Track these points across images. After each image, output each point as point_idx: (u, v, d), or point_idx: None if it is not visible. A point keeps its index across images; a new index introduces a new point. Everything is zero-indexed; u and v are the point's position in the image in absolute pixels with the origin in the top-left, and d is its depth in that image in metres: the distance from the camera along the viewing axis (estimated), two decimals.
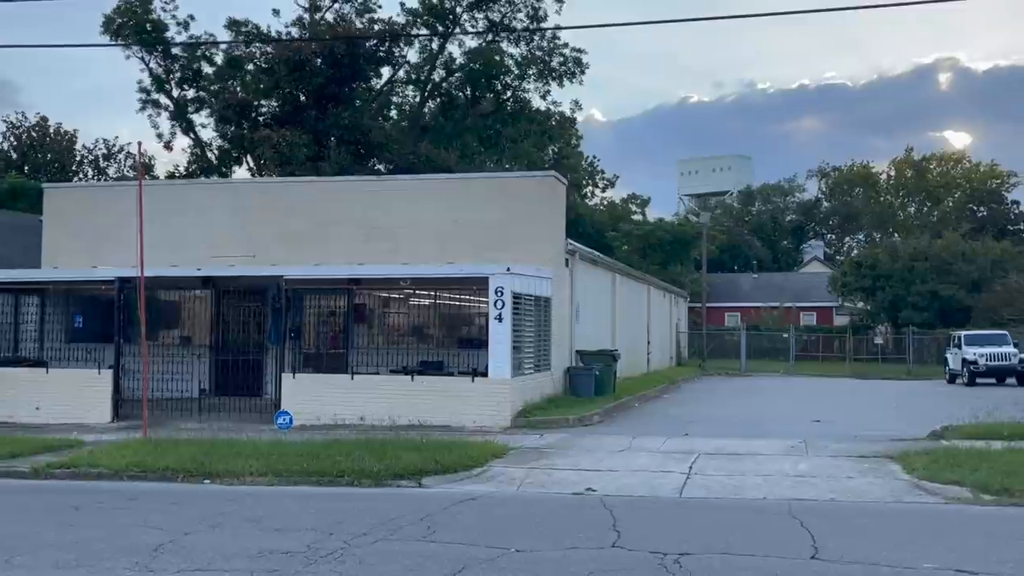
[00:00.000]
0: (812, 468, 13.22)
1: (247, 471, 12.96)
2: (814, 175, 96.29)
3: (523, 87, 49.41)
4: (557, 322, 22.13)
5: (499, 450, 14.47)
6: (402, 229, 22.15)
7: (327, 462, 13.04)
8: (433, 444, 14.21)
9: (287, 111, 41.83)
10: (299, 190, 23.04)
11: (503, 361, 18.18)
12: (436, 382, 18.65)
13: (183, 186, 24.91)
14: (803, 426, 18.99)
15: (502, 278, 18.15)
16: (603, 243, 64.31)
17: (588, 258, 25.88)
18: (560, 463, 13.76)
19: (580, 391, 22.35)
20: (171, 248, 23.01)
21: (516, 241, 21.49)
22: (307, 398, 18.91)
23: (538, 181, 21.90)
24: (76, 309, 24.13)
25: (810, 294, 65.74)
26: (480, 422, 18.06)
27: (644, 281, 37.40)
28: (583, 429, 18.05)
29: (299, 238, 22.68)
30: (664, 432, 17.39)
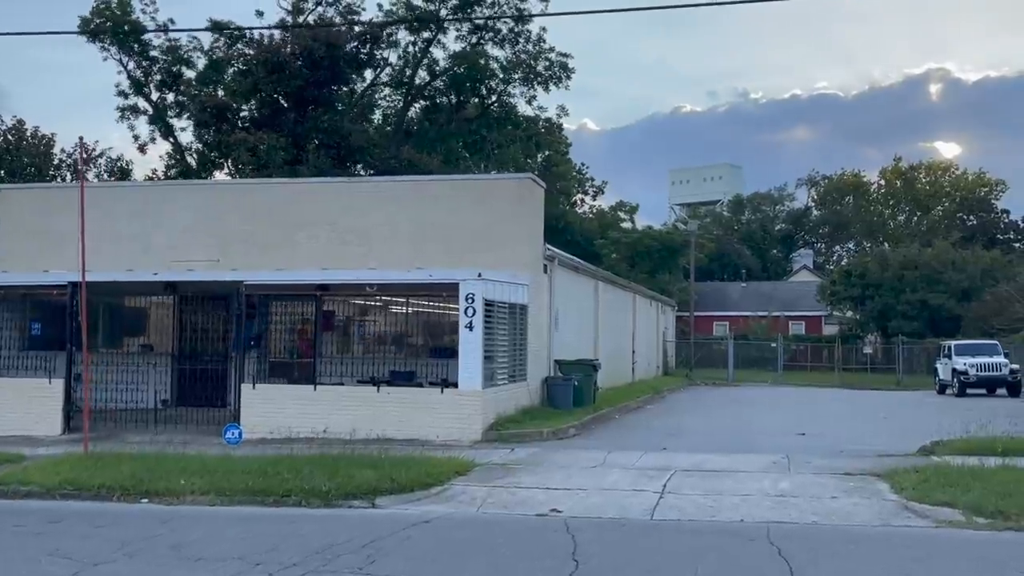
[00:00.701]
0: (794, 487, 12.37)
1: (188, 490, 12.05)
2: (804, 184, 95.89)
3: (508, 91, 48.66)
4: (535, 330, 21.28)
5: (463, 466, 13.59)
6: (375, 233, 21.27)
7: (275, 480, 12.14)
8: (392, 460, 13.32)
9: (265, 114, 40.96)
10: (269, 192, 22.14)
11: (474, 371, 17.31)
12: (403, 393, 17.76)
13: (147, 187, 24.00)
14: (787, 440, 18.16)
15: (473, 284, 17.29)
16: (591, 251, 63.57)
17: (568, 264, 25.03)
18: (527, 481, 12.88)
19: (558, 402, 21.48)
20: (133, 251, 22.09)
21: (493, 246, 20.63)
22: (267, 410, 17.99)
23: (516, 183, 21.03)
24: (33, 315, 23.16)
25: (799, 303, 65.05)
26: (449, 436, 17.18)
27: (629, 289, 36.59)
28: (557, 443, 17.17)
29: (268, 242, 21.77)
30: (641, 446, 16.52)
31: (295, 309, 21.25)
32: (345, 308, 21.31)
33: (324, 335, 21.67)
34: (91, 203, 23.37)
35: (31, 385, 19.41)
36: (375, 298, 21.62)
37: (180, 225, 22.26)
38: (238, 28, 43.18)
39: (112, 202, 23.00)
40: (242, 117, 42.35)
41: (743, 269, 79.82)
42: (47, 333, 22.63)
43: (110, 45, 49.23)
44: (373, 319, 21.93)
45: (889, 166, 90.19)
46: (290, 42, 40.59)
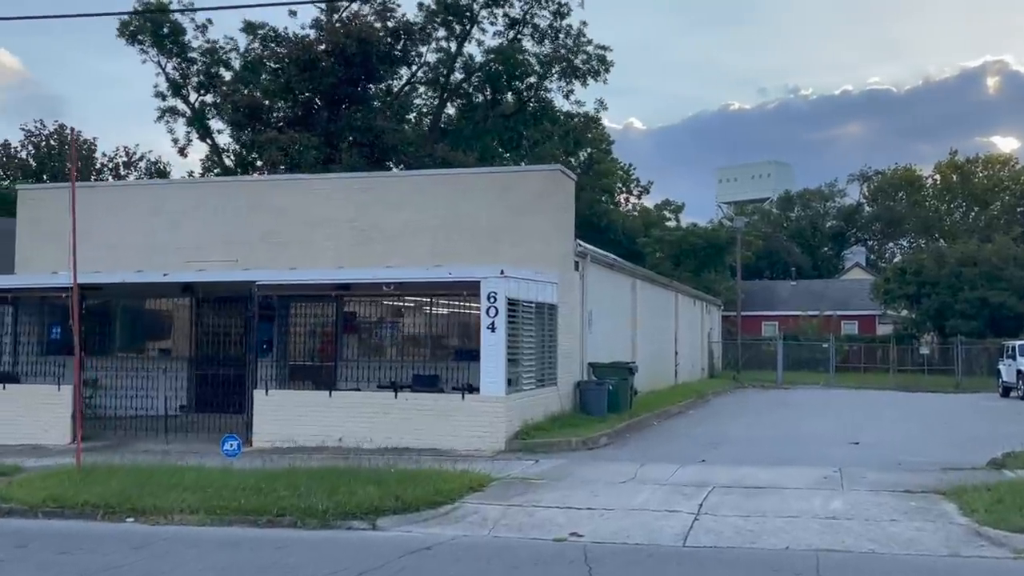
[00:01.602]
0: (847, 507, 11.00)
1: (177, 507, 11.05)
2: (855, 179, 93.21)
3: (545, 86, 47.39)
4: (565, 331, 20.04)
5: (479, 481, 12.42)
6: (396, 230, 20.21)
7: (269, 498, 11.08)
8: (400, 475, 12.19)
9: (298, 113, 40.19)
10: (286, 189, 21.19)
11: (496, 376, 16.13)
12: (422, 399, 16.63)
13: (163, 186, 23.23)
14: (839, 450, 16.70)
15: (495, 282, 16.11)
16: (635, 250, 62.13)
17: (603, 261, 23.72)
18: (547, 499, 11.67)
19: (591, 408, 20.20)
20: (149, 252, 21.33)
21: (520, 242, 19.45)
22: (280, 417, 17.01)
23: (543, 176, 19.81)
24: (52, 319, 22.49)
25: (851, 302, 62.83)
26: (470, 445, 16.02)
27: (671, 288, 35.11)
28: (586, 454, 15.92)
29: (287, 241, 20.84)
30: (678, 458, 15.20)
31: (315, 311, 20.25)
32: (367, 309, 20.24)
33: (345, 337, 20.70)
34: (106, 203, 22.78)
35: (41, 392, 18.67)
36: (399, 298, 20.53)
37: (198, 224, 21.43)
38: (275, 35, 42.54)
39: (128, 201, 22.27)
40: (276, 117, 41.62)
41: (793, 267, 77.53)
42: (67, 338, 21.93)
43: (149, 47, 49.03)
44: (397, 320, 20.83)
45: (944, 160, 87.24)
46: (322, 40, 39.76)
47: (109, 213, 22.02)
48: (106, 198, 22.51)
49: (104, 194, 22.80)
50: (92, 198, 22.99)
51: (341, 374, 19.61)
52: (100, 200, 22.55)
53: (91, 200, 22.72)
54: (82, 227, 22.29)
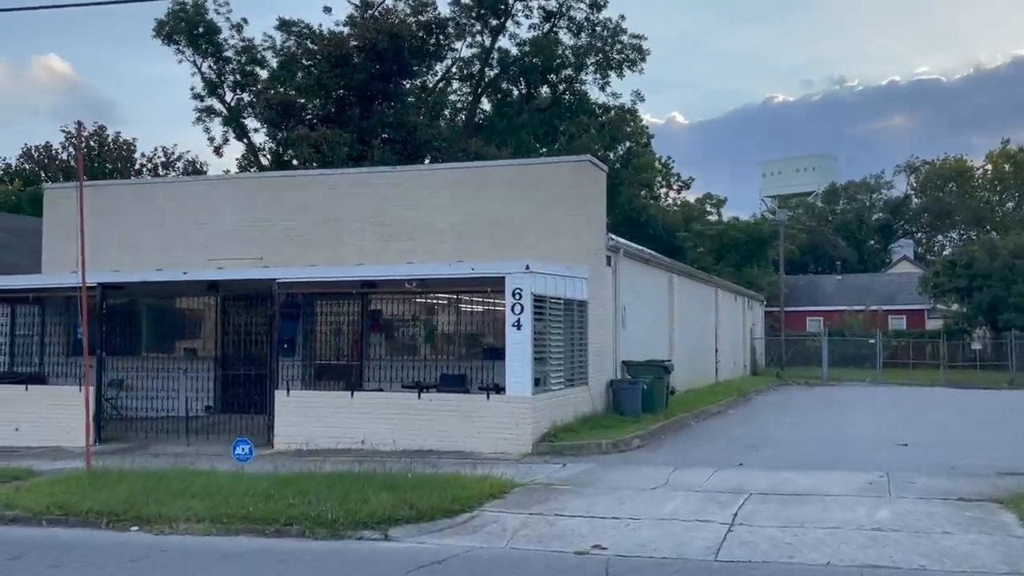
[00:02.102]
0: (895, 517, 10.18)
1: (183, 516, 10.54)
2: (903, 170, 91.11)
3: (581, 79, 46.62)
4: (597, 328, 19.33)
5: (500, 487, 11.78)
6: (421, 225, 19.65)
7: (279, 506, 10.53)
8: (417, 480, 11.61)
9: (330, 110, 39.83)
10: (310, 184, 20.72)
11: (522, 375, 15.48)
12: (446, 400, 16.04)
13: (188, 183, 22.90)
14: (887, 452, 15.81)
15: (520, 278, 15.46)
16: (675, 245, 61.14)
17: (637, 256, 22.94)
18: (571, 506, 10.99)
19: (625, 408, 19.48)
20: (173, 250, 21.03)
21: (549, 236, 18.79)
22: (302, 418, 16.52)
23: (572, 167, 19.09)
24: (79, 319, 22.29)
25: (899, 296, 61.20)
26: (496, 447, 15.40)
27: (711, 283, 34.19)
28: (617, 457, 15.20)
29: (311, 238, 20.40)
30: (714, 461, 14.44)
31: (340, 309, 19.76)
32: (394, 307, 19.70)
33: (371, 336, 20.21)
34: (130, 201, 22.52)
35: (63, 393, 18.35)
36: (426, 296, 19.96)
37: (222, 222, 21.07)
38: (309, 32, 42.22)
39: (152, 199, 21.99)
40: (308, 114, 41.32)
41: (838, 261, 75.87)
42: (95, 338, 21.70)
43: (185, 47, 49.08)
44: (424, 318, 20.27)
45: (996, 150, 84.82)
46: (354, 36, 39.37)
47: (132, 211, 21.77)
48: (129, 196, 22.26)
49: (127, 192, 22.54)
50: (115, 196, 22.82)
51: (367, 374, 19.14)
52: (123, 198, 22.32)
53: (115, 198, 22.56)
54: (106, 226, 22.21)
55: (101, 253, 21.55)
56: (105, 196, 22.53)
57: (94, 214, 22.23)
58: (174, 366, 20.31)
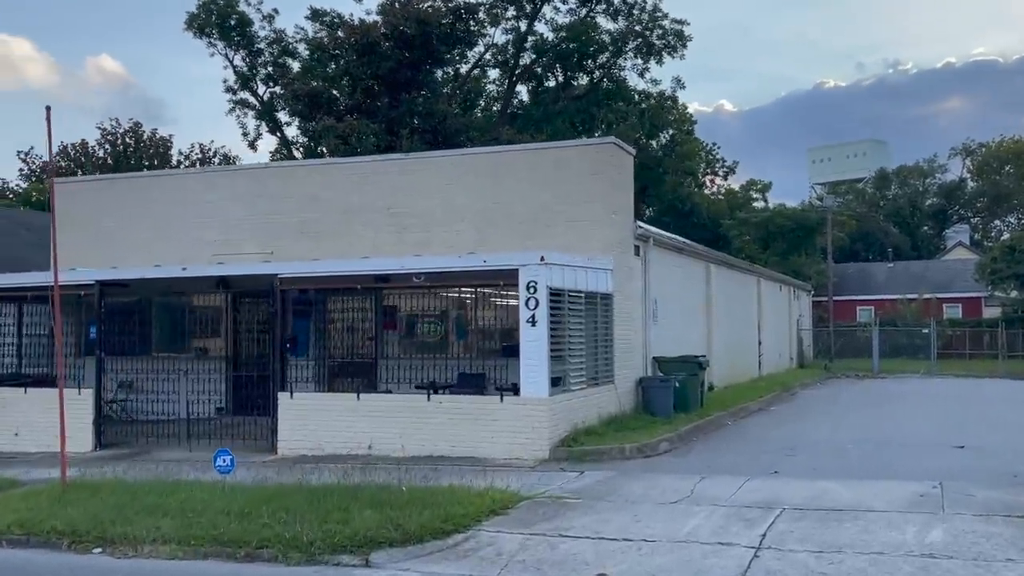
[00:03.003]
0: (949, 540, 8.85)
1: (150, 537, 9.58)
2: (957, 153, 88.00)
3: (619, 64, 45.22)
4: (624, 323, 18.09)
5: (504, 501, 10.65)
6: (436, 215, 18.56)
7: (253, 525, 9.52)
8: (412, 494, 10.52)
9: (358, 100, 38.91)
10: (322, 174, 19.71)
11: (538, 375, 14.31)
12: (457, 402, 14.94)
13: (197, 175, 22.06)
14: (940, 456, 14.37)
15: (535, 270, 14.28)
16: (720, 234, 59.52)
17: (669, 244, 21.61)
18: (579, 525, 9.82)
19: (655, 408, 18.21)
20: (182, 245, 20.24)
21: (570, 225, 17.59)
22: (307, 422, 15.55)
23: (595, 150, 17.82)
24: (91, 318, 21.58)
25: (954, 283, 58.79)
26: (511, 453, 14.26)
27: (752, 272, 32.64)
28: (641, 463, 13.98)
29: (322, 230, 19.42)
30: (747, 468, 13.17)
31: (353, 305, 18.79)
32: (409, 303, 18.62)
33: (386, 334, 19.18)
34: (135, 195, 21.71)
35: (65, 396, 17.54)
36: (447, 290, 18.85)
37: (232, 214, 20.19)
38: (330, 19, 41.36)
39: (161, 192, 21.15)
40: (337, 104, 40.47)
41: (889, 248, 73.35)
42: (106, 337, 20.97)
43: (216, 40, 48.63)
44: (442, 314, 19.16)
45: None
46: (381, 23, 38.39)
47: (138, 205, 21.02)
48: (134, 190, 21.48)
49: (137, 185, 21.76)
50: (124, 190, 22.06)
51: (382, 374, 18.12)
52: (129, 192, 21.55)
53: (119, 192, 21.81)
54: (115, 221, 21.48)
55: (110, 249, 20.89)
56: (114, 191, 21.83)
57: (102, 210, 21.63)
58: (185, 367, 19.49)
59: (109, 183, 22.27)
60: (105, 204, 21.19)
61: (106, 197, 21.36)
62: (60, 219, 22.25)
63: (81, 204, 21.31)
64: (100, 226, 21.06)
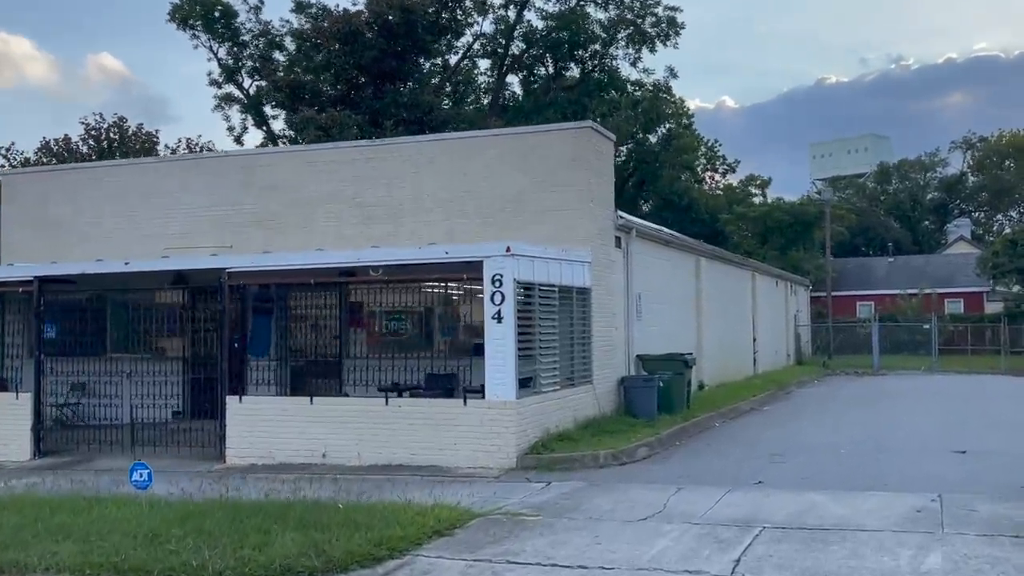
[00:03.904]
0: (950, 567, 7.71)
1: (43, 564, 8.44)
2: (958, 147, 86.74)
3: (611, 54, 44.03)
4: (605, 319, 16.98)
5: (452, 520, 9.52)
6: (404, 206, 17.44)
7: (160, 551, 8.39)
8: (349, 512, 9.39)
9: (341, 90, 37.78)
10: (282, 163, 18.56)
11: (504, 376, 13.19)
12: (417, 407, 13.82)
13: (152, 164, 20.90)
14: (941, 462, 13.25)
15: (500, 262, 13.16)
16: (718, 229, 58.43)
17: (654, 236, 20.48)
18: (532, 548, 8.68)
19: (638, 409, 17.09)
20: (139, 239, 19.13)
21: (546, 215, 16.46)
22: (258, 428, 14.45)
23: (571, 135, 16.65)
24: (49, 317, 20.46)
25: (956, 278, 57.63)
26: (475, 461, 13.15)
27: (746, 266, 31.49)
28: (615, 471, 12.85)
29: (285, 222, 18.31)
30: (730, 477, 12.05)
31: (317, 302, 17.65)
32: (376, 298, 17.49)
33: (352, 332, 18.06)
34: (89, 186, 20.55)
35: (2, 400, 16.48)
36: (417, 286, 17.67)
37: (190, 206, 19.06)
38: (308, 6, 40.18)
39: (115, 183, 20.02)
40: (319, 96, 39.33)
41: (890, 243, 72.19)
42: (63, 338, 19.87)
43: (201, 32, 47.57)
44: (411, 311, 18.03)
45: None
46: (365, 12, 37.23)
47: (92, 197, 19.90)
48: (88, 181, 20.33)
49: (90, 177, 20.61)
50: (79, 182, 20.93)
51: (347, 375, 17.01)
52: (82, 183, 20.39)
53: (78, 184, 20.70)
54: (69, 214, 20.35)
55: (63, 244, 19.80)
56: (67, 182, 20.72)
57: (56, 202, 20.50)
58: (141, 368, 18.37)
59: (63, 175, 21.14)
60: (59, 197, 20.08)
61: (60, 189, 20.25)
62: (11, 213, 21.29)
63: (31, 196, 20.21)
64: (55, 220, 19.95)
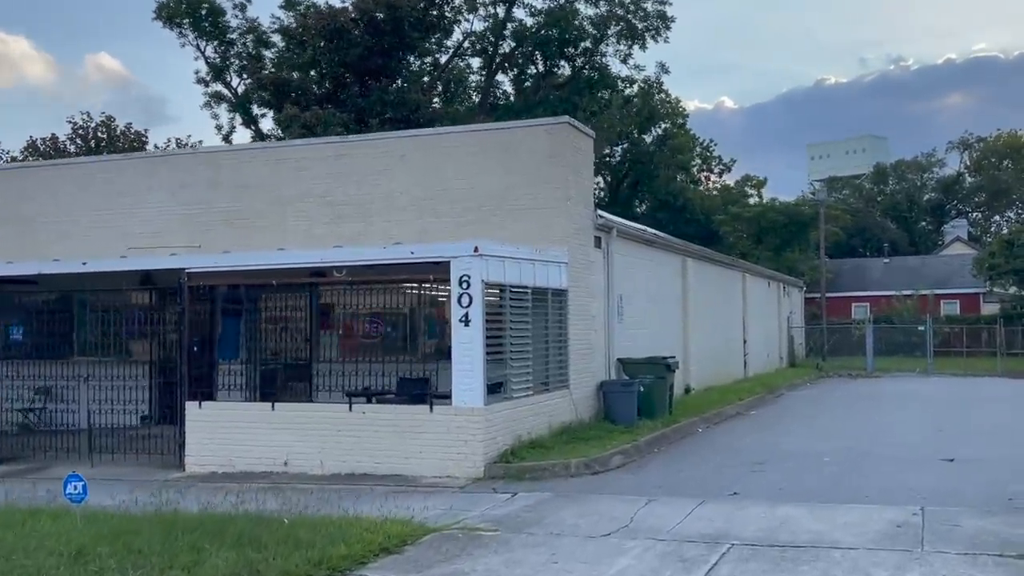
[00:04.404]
0: None
1: None
2: (955, 147, 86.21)
3: (601, 51, 43.52)
4: (583, 322, 16.43)
5: (405, 535, 8.98)
6: (376, 204, 16.88)
7: (85, 571, 7.85)
8: (294, 527, 8.84)
9: (326, 89, 37.24)
10: (252, 160, 17.96)
11: (471, 381, 12.65)
12: (381, 413, 13.27)
13: (119, 162, 20.32)
14: (928, 471, 12.70)
15: (467, 263, 12.61)
16: (712, 230, 57.97)
17: (636, 236, 19.92)
18: (484, 566, 8.14)
19: (617, 415, 16.55)
20: (105, 239, 18.53)
21: (522, 214, 15.89)
22: (218, 435, 13.92)
23: (547, 132, 16.07)
24: (15, 318, 19.89)
25: (952, 279, 57.09)
26: (442, 470, 12.61)
27: (736, 267, 30.95)
28: (587, 481, 12.30)
29: (254, 222, 17.73)
30: (704, 487, 11.51)
31: (287, 303, 17.02)
32: (349, 300, 16.89)
33: (324, 335, 17.46)
34: (55, 185, 19.96)
35: None
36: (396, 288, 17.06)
37: (159, 204, 18.47)
38: None
39: (80, 181, 19.46)
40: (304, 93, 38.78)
41: (886, 243, 71.63)
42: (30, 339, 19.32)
43: (187, 30, 47.02)
44: (384, 313, 17.44)
45: None
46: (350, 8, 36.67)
47: (58, 196, 19.33)
48: (55, 179, 19.76)
49: (52, 175, 20.04)
50: (51, 179, 20.35)
51: (318, 380, 16.41)
52: (48, 182, 19.80)
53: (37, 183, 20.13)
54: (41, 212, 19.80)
55: (28, 241, 19.25)
56: (40, 179, 20.13)
57: (28, 199, 19.94)
58: (107, 372, 17.81)
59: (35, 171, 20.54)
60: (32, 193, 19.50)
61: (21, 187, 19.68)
62: None
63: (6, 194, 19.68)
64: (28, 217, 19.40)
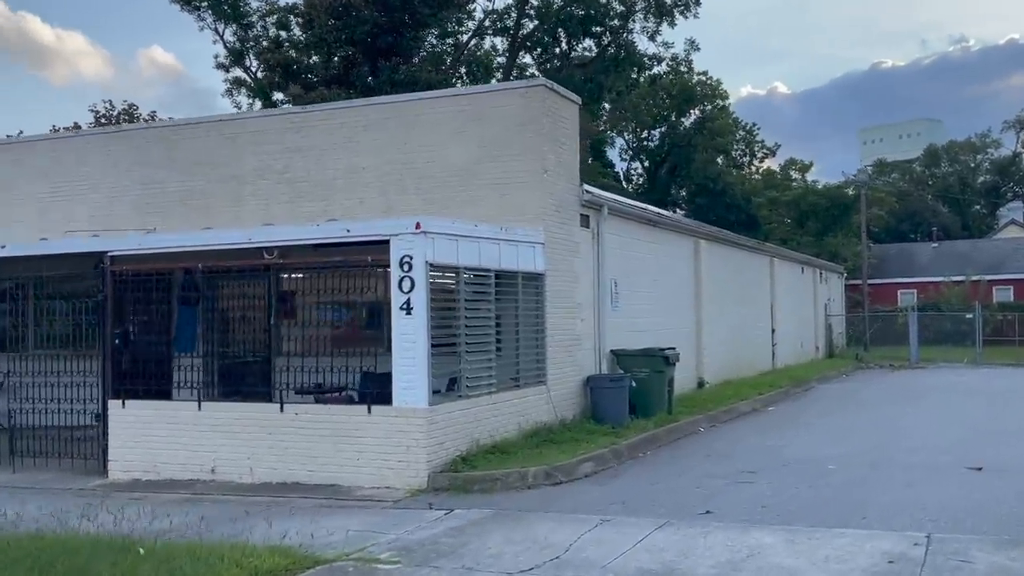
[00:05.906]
0: None
1: None
2: (1011, 127, 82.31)
3: (627, 27, 41.50)
4: (566, 309, 14.70)
5: (283, 569, 7.39)
6: (338, 180, 15.30)
7: None
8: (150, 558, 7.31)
9: (335, 69, 35.80)
10: (206, 134, 16.45)
11: (414, 378, 11.03)
12: (316, 415, 11.68)
13: (69, 140, 18.95)
14: (949, 483, 10.77)
15: (409, 242, 10.96)
16: (752, 214, 55.89)
17: (633, 215, 18.04)
18: None
19: (605, 413, 14.79)
20: (54, 222, 17.19)
21: (498, 189, 14.21)
22: (144, 438, 12.49)
23: (521, 95, 14.24)
24: None
25: (1006, 264, 53.99)
26: (382, 479, 11.01)
27: (762, 251, 28.84)
28: (543, 493, 10.58)
29: (208, 201, 16.26)
30: (675, 503, 9.74)
31: (244, 290, 15.48)
32: (312, 286, 15.33)
33: (285, 326, 15.93)
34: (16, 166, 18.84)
35: None
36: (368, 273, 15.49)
37: (114, 184, 17.10)
38: None
39: (33, 159, 18.15)
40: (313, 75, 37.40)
41: (936, 228, 68.48)
42: None
43: (205, 13, 46.03)
44: (351, 301, 15.86)
45: None
46: None
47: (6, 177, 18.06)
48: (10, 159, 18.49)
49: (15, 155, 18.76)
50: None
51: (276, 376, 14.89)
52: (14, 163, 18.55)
53: None
54: None
55: None
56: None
57: None
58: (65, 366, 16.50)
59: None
60: None
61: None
62: None
63: None
64: None
